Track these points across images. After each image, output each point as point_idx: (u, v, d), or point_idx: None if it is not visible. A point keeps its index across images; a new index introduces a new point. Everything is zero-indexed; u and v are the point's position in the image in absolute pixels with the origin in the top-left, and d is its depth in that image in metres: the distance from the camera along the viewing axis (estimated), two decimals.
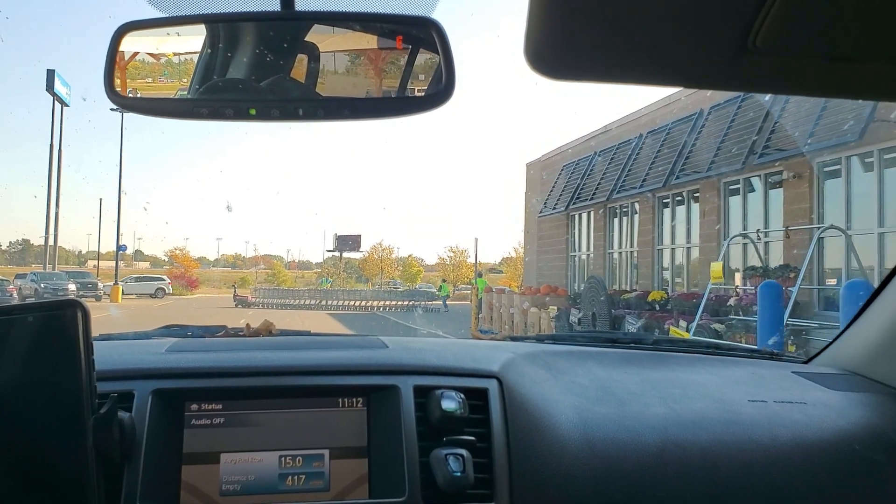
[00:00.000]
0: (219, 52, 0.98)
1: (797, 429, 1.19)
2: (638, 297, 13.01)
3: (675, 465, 1.11)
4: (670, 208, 13.89)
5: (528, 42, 0.54)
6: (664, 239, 14.13)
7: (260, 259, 70.64)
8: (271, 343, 1.34)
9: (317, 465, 1.06)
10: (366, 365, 1.17)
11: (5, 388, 0.87)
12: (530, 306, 15.93)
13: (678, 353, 1.56)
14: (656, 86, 0.89)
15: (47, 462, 0.88)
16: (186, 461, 1.04)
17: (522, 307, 16.18)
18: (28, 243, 68.23)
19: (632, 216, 15.32)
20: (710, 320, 9.68)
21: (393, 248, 61.60)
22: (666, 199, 13.97)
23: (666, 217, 14.09)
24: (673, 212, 13.83)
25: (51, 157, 31.52)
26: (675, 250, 13.85)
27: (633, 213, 15.20)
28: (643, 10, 0.51)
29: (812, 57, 0.55)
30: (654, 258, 14.24)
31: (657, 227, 14.18)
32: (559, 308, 14.72)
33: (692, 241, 13.13)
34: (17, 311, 0.89)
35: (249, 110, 0.94)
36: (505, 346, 1.44)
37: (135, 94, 0.99)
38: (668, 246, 14.03)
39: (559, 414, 1.16)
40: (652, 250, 14.27)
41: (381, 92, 1.00)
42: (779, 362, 1.57)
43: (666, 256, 14.12)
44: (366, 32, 0.99)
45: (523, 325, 15.58)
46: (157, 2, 0.93)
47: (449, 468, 1.03)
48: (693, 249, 13.16)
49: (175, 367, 1.13)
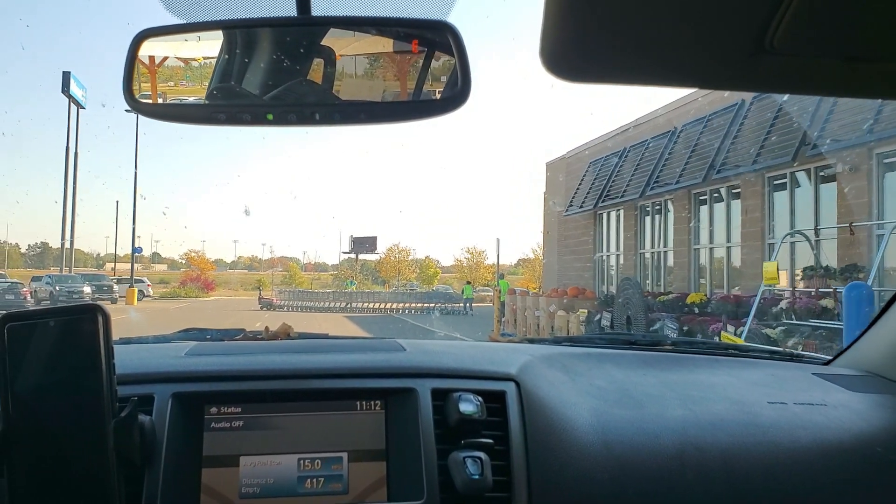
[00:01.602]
0: (236, 57, 0.99)
1: (817, 431, 1.18)
2: (675, 299, 12.25)
3: (694, 468, 1.10)
4: (708, 205, 13.11)
5: (543, 44, 0.54)
6: (701, 238, 13.35)
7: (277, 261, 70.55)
8: (290, 346, 1.34)
9: (335, 468, 1.06)
10: (384, 368, 1.17)
11: (28, 392, 0.88)
12: (557, 309, 15.23)
13: (697, 354, 1.55)
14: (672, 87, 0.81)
15: (69, 465, 0.88)
16: (206, 464, 1.04)
17: (549, 310, 15.48)
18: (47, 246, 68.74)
19: (665, 214, 14.54)
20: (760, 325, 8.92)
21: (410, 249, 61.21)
22: (703, 196, 13.19)
23: (703, 215, 13.31)
24: (711, 209, 13.05)
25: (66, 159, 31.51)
26: (713, 250, 13.06)
27: (667, 212, 14.43)
28: (658, 12, 0.51)
29: (829, 57, 0.55)
30: (691, 258, 13.46)
31: (694, 225, 13.41)
32: (589, 311, 13.99)
33: (732, 241, 12.35)
34: (38, 315, 0.89)
35: (266, 115, 0.94)
36: (522, 349, 1.43)
37: (153, 100, 0.99)
38: (705, 245, 13.25)
39: (577, 416, 1.15)
40: (688, 250, 13.49)
41: (397, 96, 0.99)
42: (799, 364, 1.55)
43: (703, 256, 13.34)
44: (381, 36, 0.99)
45: (549, 329, 14.85)
46: (175, 8, 0.93)
47: (467, 471, 1.03)
48: (733, 249, 12.37)
49: (194, 371, 1.14)
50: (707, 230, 13.16)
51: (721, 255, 12.82)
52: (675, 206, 13.92)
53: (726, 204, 12.56)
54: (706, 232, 13.20)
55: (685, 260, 13.58)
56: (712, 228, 13.04)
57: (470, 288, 29.66)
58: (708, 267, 13.13)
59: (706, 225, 13.19)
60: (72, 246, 32.88)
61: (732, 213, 12.39)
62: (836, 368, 1.49)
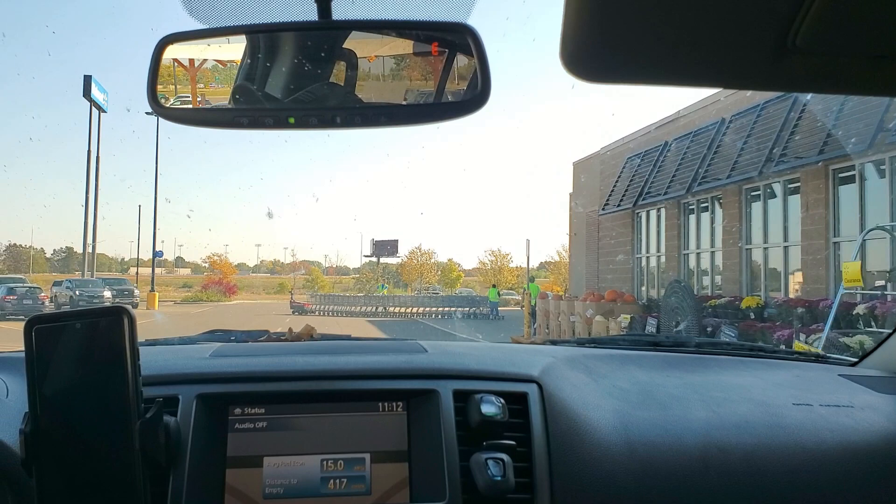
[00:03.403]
0: (258, 61, 0.99)
1: (844, 433, 1.16)
2: (727, 303, 11.27)
3: (718, 470, 1.09)
4: (761, 202, 12.11)
5: (564, 45, 0.54)
6: (753, 237, 12.35)
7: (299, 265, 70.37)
8: (313, 347, 1.35)
9: (358, 469, 1.06)
10: (406, 369, 1.17)
11: (55, 393, 0.89)
12: (595, 314, 14.32)
13: (720, 355, 1.54)
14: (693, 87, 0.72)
15: (96, 466, 0.89)
16: (230, 465, 1.05)
17: (586, 315, 14.58)
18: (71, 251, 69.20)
19: (712, 212, 13.55)
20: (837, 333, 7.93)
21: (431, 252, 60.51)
22: (755, 192, 12.20)
23: (755, 212, 12.31)
24: (765, 206, 12.04)
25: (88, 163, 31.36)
26: (767, 250, 12.05)
27: (714, 209, 13.44)
28: (680, 11, 0.50)
29: (854, 55, 0.54)
30: (742, 259, 12.46)
31: (745, 223, 12.41)
32: (632, 316, 13.05)
33: (790, 240, 11.34)
34: (64, 318, 0.90)
35: (288, 119, 0.95)
36: (545, 351, 1.44)
37: (177, 105, 1.00)
38: (758, 245, 12.23)
39: (600, 418, 1.14)
40: (738, 250, 12.50)
41: (418, 98, 0.99)
42: (825, 365, 1.53)
43: (756, 257, 12.33)
44: (402, 39, 0.99)
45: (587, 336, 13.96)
46: (198, 14, 0.94)
47: (489, 472, 1.03)
48: (791, 249, 11.35)
49: (219, 372, 1.14)
50: (760, 228, 12.15)
51: (777, 256, 11.81)
52: (724, 202, 12.93)
53: (782, 199, 11.55)
54: (759, 230, 12.19)
55: (735, 261, 12.58)
56: (766, 226, 12.03)
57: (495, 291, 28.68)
58: (762, 268, 12.12)
59: (759, 223, 12.19)
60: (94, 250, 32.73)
61: (790, 209, 11.39)
62: (864, 370, 1.47)
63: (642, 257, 16.34)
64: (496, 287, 29.87)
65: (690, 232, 14.34)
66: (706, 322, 10.85)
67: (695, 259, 14.31)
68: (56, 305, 24.13)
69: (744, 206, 12.42)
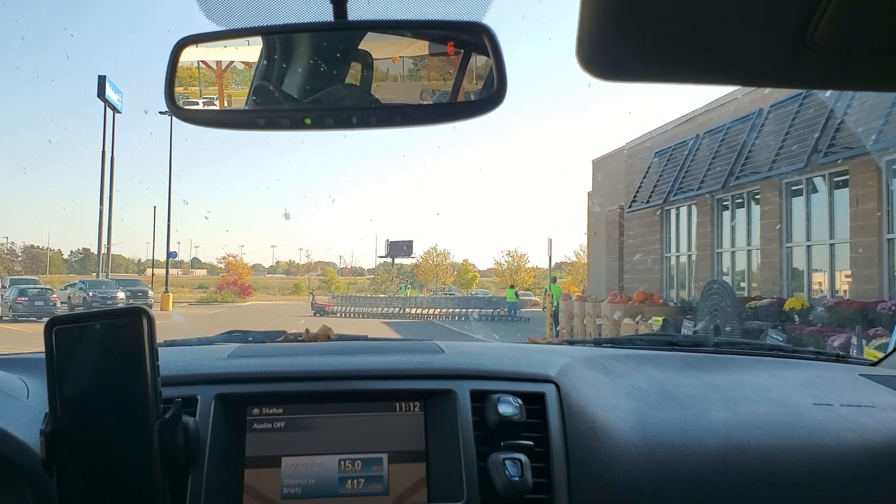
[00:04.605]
0: (274, 63, 1.00)
1: (865, 433, 1.14)
2: (770, 305, 10.54)
3: (738, 470, 1.07)
4: (803, 196, 11.36)
5: (580, 43, 0.53)
6: (794, 235, 11.60)
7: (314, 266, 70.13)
8: (330, 348, 1.36)
9: (376, 469, 1.07)
10: (422, 369, 1.18)
11: (75, 394, 0.90)
12: (623, 317, 13.64)
13: (739, 355, 1.52)
14: (710, 85, 0.71)
15: (115, 465, 0.90)
16: (248, 465, 1.05)
17: (613, 317, 13.91)
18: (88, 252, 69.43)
19: (749, 208, 12.82)
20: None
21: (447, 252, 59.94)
22: (797, 186, 11.46)
23: (797, 207, 11.56)
24: (807, 201, 11.30)
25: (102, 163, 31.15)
26: (811, 248, 11.30)
27: (752, 205, 12.70)
28: (697, 8, 0.50)
29: (874, 51, 0.53)
30: (782, 258, 11.72)
31: (786, 220, 11.68)
32: (665, 319, 12.35)
33: (837, 237, 10.59)
34: (84, 319, 0.91)
35: (304, 119, 0.95)
36: (562, 351, 1.44)
37: (194, 107, 1.01)
38: (800, 243, 11.49)
39: (618, 418, 1.14)
40: (779, 248, 11.76)
41: (434, 98, 0.99)
42: (846, 364, 1.51)
43: (798, 256, 11.58)
44: (417, 39, 0.99)
45: None
46: (215, 16, 0.94)
47: (507, 473, 1.02)
48: (838, 247, 10.61)
49: (237, 373, 1.15)
50: (803, 225, 11.41)
51: (822, 254, 11.06)
52: (762, 198, 12.20)
53: (828, 194, 10.80)
54: (801, 227, 11.45)
55: (775, 260, 11.84)
56: (809, 223, 11.29)
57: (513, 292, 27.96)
58: (805, 268, 11.38)
59: (801, 219, 11.44)
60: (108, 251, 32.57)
61: (836, 204, 10.64)
62: (886, 369, 1.45)
63: (671, 256, 15.62)
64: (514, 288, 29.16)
65: (724, 229, 13.60)
66: (750, 325, 10.13)
67: (729, 258, 13.58)
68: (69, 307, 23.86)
69: (784, 202, 11.68)
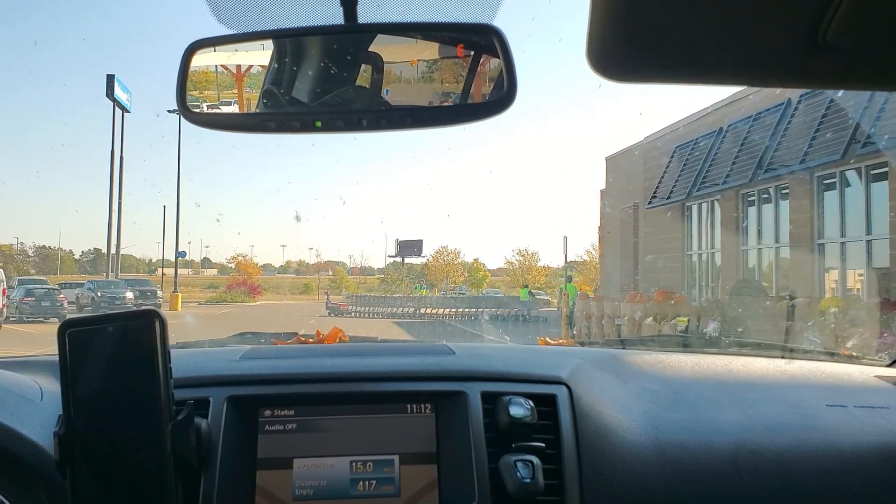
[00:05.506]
0: (285, 66, 1.01)
1: (880, 435, 1.14)
2: (804, 304, 10.00)
3: (750, 471, 1.07)
4: (837, 190, 10.80)
5: (590, 44, 0.53)
6: (827, 231, 11.05)
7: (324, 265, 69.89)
8: (341, 349, 1.39)
9: (387, 471, 1.07)
10: (433, 371, 1.18)
11: (88, 396, 0.91)
12: (644, 317, 13.12)
13: (751, 356, 1.52)
14: (721, 85, 0.70)
15: (128, 467, 0.90)
16: (260, 466, 1.06)
17: (634, 318, 13.39)
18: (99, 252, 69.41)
19: (777, 203, 12.26)
20: None
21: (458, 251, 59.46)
22: (829, 180, 10.90)
23: (829, 202, 11.01)
24: (841, 195, 10.74)
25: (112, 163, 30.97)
26: (845, 245, 10.74)
27: (780, 200, 12.15)
28: (708, 8, 0.50)
29: (886, 51, 0.53)
30: (815, 256, 11.17)
31: (818, 215, 11.12)
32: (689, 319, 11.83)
33: (874, 233, 10.04)
34: (97, 321, 0.92)
35: (315, 122, 0.96)
36: (573, 352, 1.45)
37: (206, 110, 1.02)
38: (833, 240, 10.94)
39: (630, 420, 1.14)
40: (810, 246, 11.21)
41: (443, 100, 1.00)
42: (860, 366, 1.49)
43: (831, 253, 11.02)
44: (427, 41, 1.00)
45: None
46: (226, 20, 0.95)
47: (518, 474, 1.02)
48: (875, 244, 10.05)
49: (249, 374, 1.16)
50: (836, 221, 10.85)
51: (857, 251, 10.50)
52: (791, 192, 11.65)
53: (864, 188, 10.25)
54: (835, 223, 10.89)
55: (806, 258, 11.30)
56: (843, 218, 10.73)
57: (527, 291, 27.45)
58: (839, 266, 10.82)
59: (835, 215, 10.89)
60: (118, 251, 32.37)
61: (874, 198, 10.08)
62: None
63: (693, 254, 15.07)
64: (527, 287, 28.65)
65: (751, 225, 13.05)
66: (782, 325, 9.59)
67: (755, 255, 13.02)
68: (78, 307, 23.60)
69: (815, 196, 11.12)
